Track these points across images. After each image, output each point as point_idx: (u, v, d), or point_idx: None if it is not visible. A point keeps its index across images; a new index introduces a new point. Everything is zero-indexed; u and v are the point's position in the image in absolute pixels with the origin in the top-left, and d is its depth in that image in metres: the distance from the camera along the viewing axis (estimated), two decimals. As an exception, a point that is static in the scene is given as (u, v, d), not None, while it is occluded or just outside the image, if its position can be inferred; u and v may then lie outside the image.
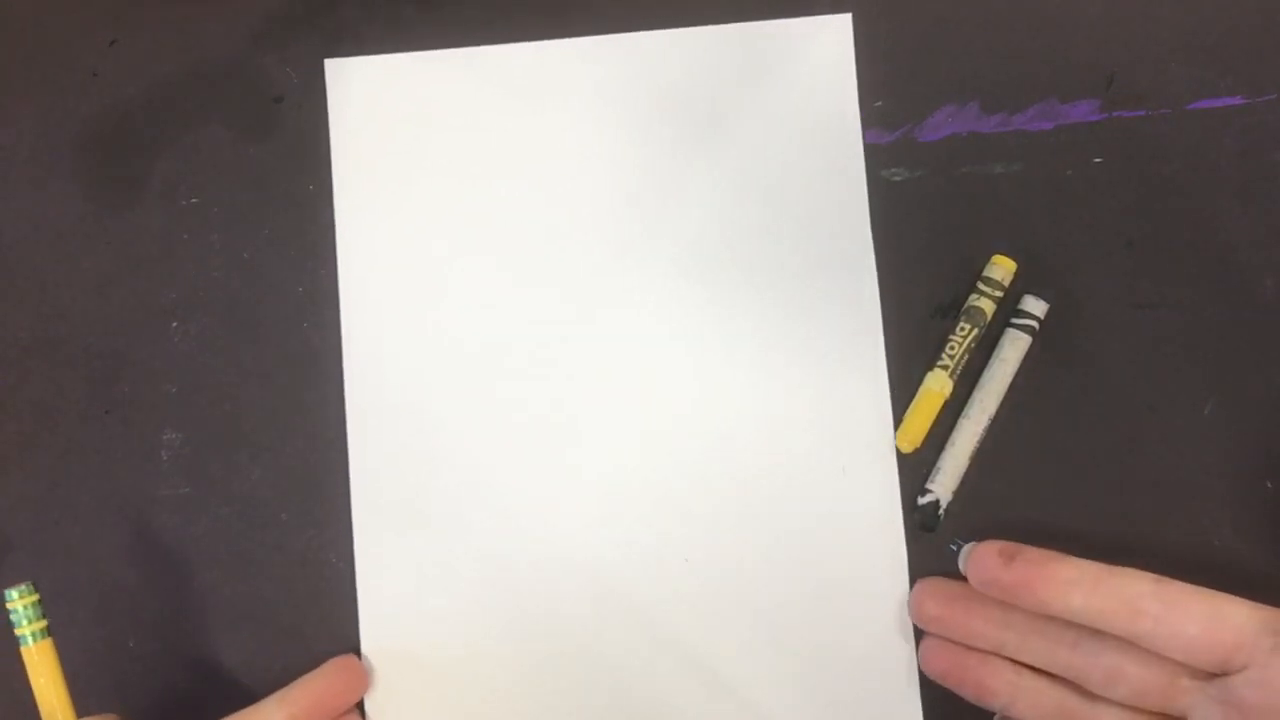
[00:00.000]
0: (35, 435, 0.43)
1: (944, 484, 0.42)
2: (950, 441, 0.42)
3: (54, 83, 0.45)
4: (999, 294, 0.42)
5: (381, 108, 0.45)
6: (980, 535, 0.43)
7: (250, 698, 0.41)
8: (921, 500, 0.42)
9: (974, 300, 0.42)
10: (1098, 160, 0.45)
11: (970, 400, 0.42)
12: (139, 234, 0.44)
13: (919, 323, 0.44)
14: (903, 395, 0.43)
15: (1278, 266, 0.44)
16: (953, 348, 0.42)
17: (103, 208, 0.44)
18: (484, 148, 0.45)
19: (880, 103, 0.45)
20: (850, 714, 0.41)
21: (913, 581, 0.42)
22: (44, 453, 0.43)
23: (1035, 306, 0.42)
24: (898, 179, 0.44)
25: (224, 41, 0.45)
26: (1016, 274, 0.43)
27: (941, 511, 0.42)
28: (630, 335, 0.44)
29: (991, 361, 0.42)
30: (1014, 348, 0.42)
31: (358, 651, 0.42)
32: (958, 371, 0.42)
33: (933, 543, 0.42)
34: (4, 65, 0.45)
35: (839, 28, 0.45)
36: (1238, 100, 0.45)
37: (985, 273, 0.43)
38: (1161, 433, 0.43)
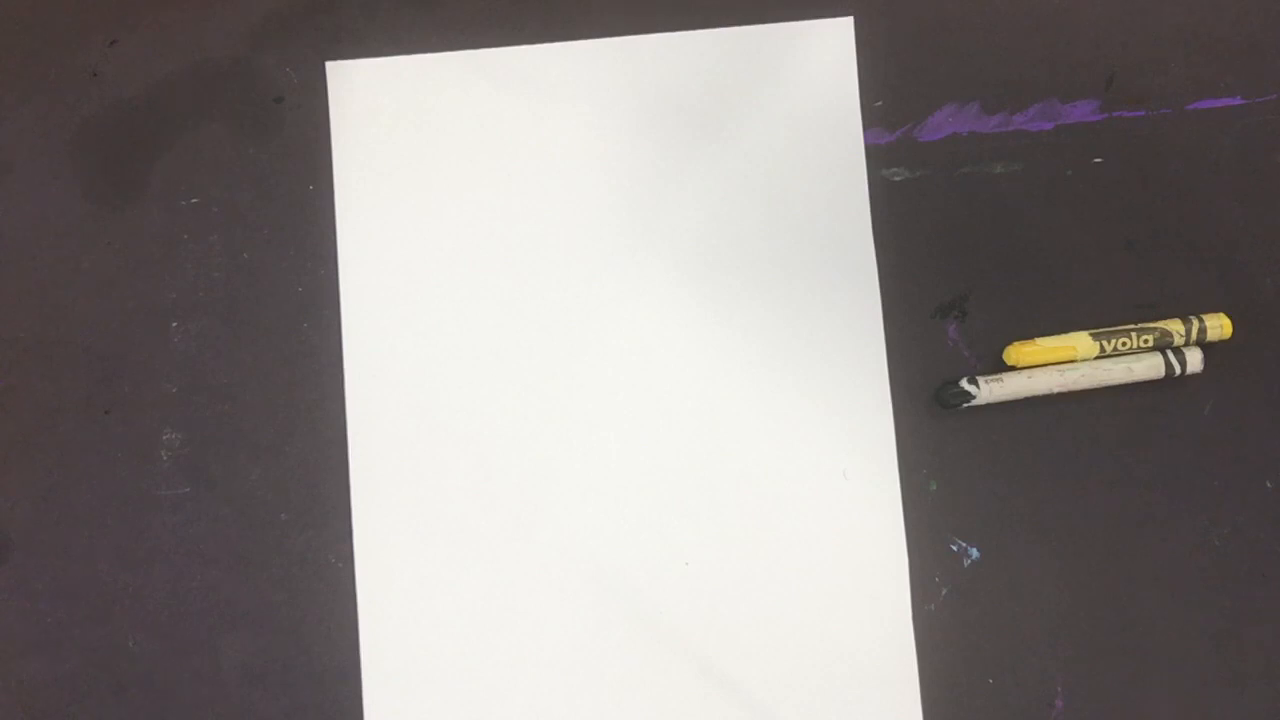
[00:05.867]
0: (35, 435, 0.43)
1: (989, 391, 0.42)
2: (1029, 374, 0.42)
3: (54, 83, 0.45)
4: (1196, 342, 0.43)
5: (382, 109, 0.45)
6: (976, 529, 0.43)
7: (250, 698, 0.41)
8: (961, 383, 0.42)
9: (1174, 325, 0.43)
10: (1098, 160, 0.45)
11: (1074, 365, 0.42)
12: (139, 234, 0.44)
13: (919, 323, 0.44)
14: (903, 395, 0.43)
15: (1278, 266, 0.44)
16: (1126, 338, 0.42)
17: (103, 208, 0.44)
18: (485, 149, 0.45)
19: (881, 103, 0.45)
20: (850, 714, 0.41)
21: (913, 582, 0.42)
22: (44, 453, 0.43)
23: (1194, 359, 0.42)
24: (898, 179, 0.44)
25: (224, 41, 0.45)
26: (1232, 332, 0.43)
27: (964, 406, 0.42)
28: (631, 336, 0.44)
29: (1123, 358, 0.42)
30: (1146, 368, 0.42)
31: (357, 651, 0.42)
32: (1106, 354, 0.42)
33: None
34: (4, 65, 0.45)
35: (840, 31, 0.45)
36: (1238, 100, 0.45)
37: (1206, 320, 0.43)
38: (1162, 433, 0.43)
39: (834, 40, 0.45)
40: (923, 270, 0.44)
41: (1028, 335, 0.43)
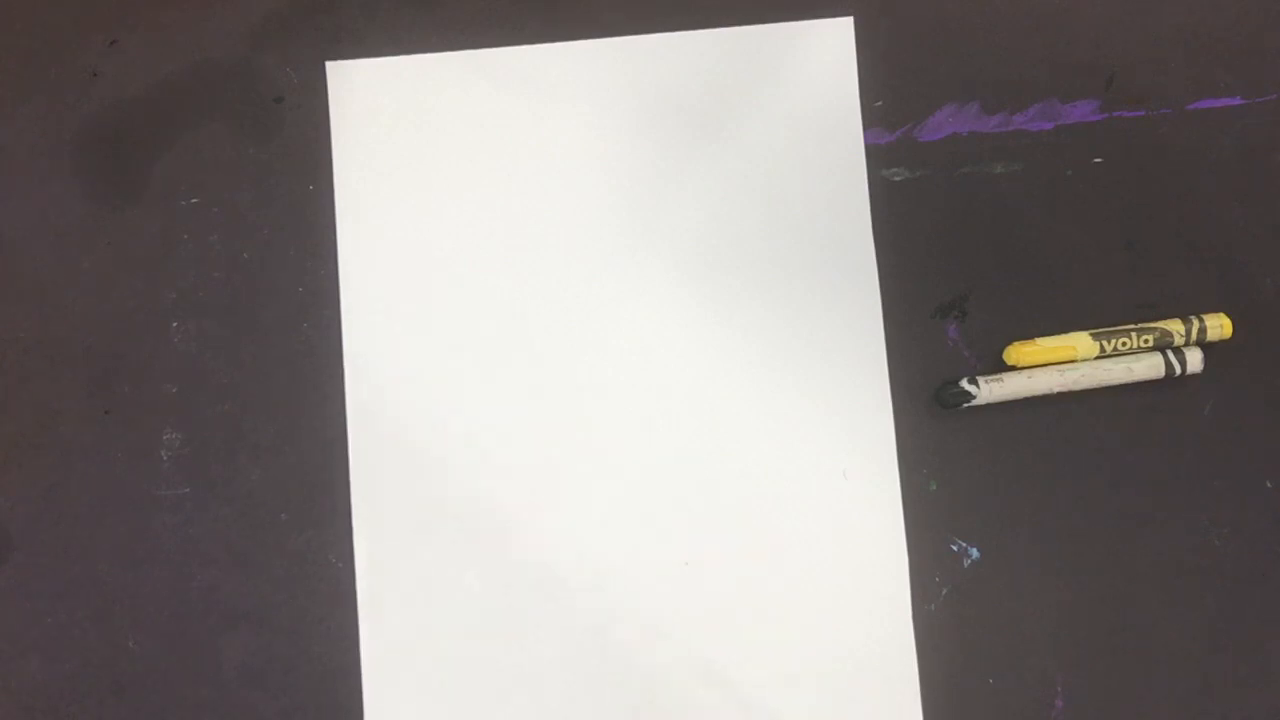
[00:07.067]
0: (35, 435, 0.43)
1: (989, 391, 0.42)
2: (1029, 374, 0.42)
3: (54, 83, 0.45)
4: (1196, 342, 0.43)
5: (382, 109, 0.45)
6: (976, 529, 0.43)
7: (250, 698, 0.41)
8: (962, 383, 0.42)
9: (1174, 325, 0.43)
10: (1098, 160, 0.45)
11: (1074, 365, 0.42)
12: (139, 234, 0.44)
13: (919, 323, 0.44)
14: (903, 395, 0.43)
15: (1278, 266, 0.44)
16: (1126, 338, 0.42)
17: (103, 208, 0.44)
18: (484, 149, 0.45)
19: (881, 103, 0.45)
20: (850, 714, 0.41)
21: (913, 581, 0.42)
22: (44, 453, 0.43)
23: (1194, 359, 0.42)
24: (898, 179, 0.44)
25: (224, 41, 0.45)
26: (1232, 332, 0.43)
27: (964, 406, 0.42)
28: (631, 336, 0.44)
29: (1123, 358, 0.42)
30: (1146, 368, 0.42)
31: (357, 651, 0.42)
32: (1106, 354, 0.42)
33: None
34: (4, 65, 0.45)
35: (840, 31, 0.45)
36: (1238, 100, 0.45)
37: (1206, 320, 0.43)
38: (1162, 433, 0.43)
39: (834, 40, 0.45)
40: (923, 270, 0.44)
41: (1028, 335, 0.43)
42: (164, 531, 0.43)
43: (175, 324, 0.44)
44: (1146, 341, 0.42)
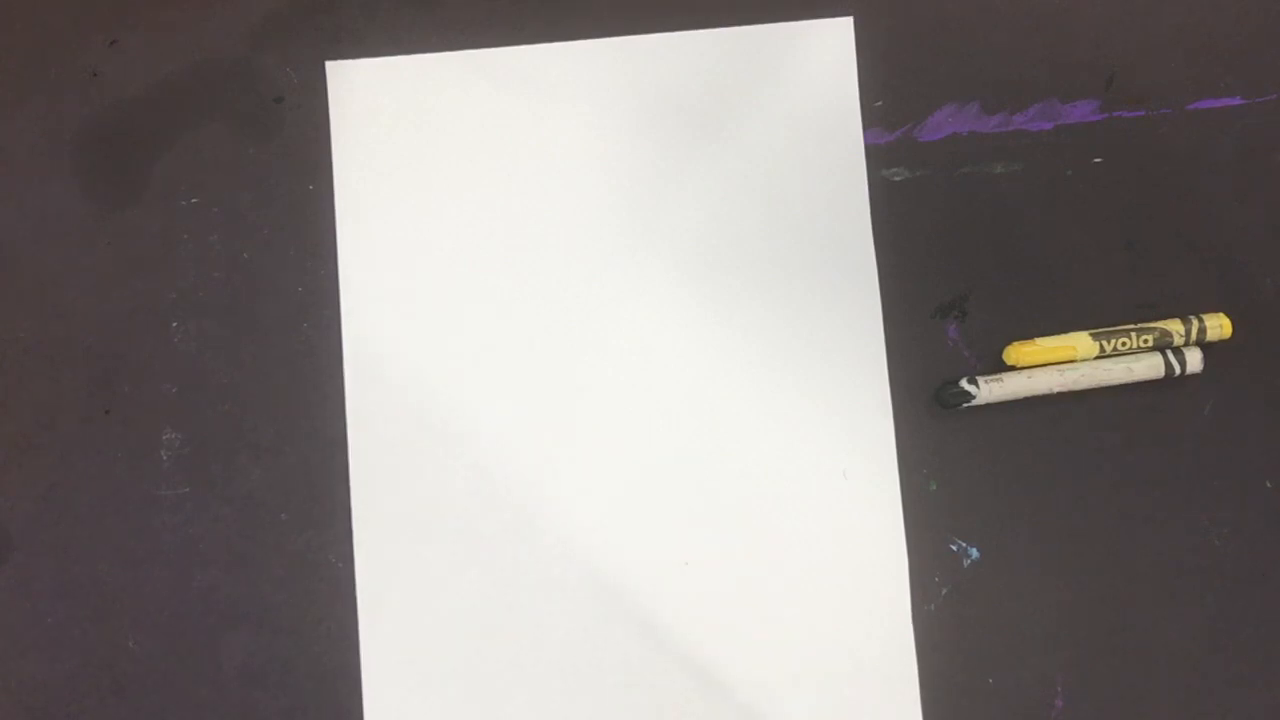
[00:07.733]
0: (35, 435, 0.43)
1: (989, 391, 0.42)
2: (1029, 374, 0.42)
3: (54, 83, 0.45)
4: (1196, 342, 0.43)
5: (382, 109, 0.45)
6: (976, 529, 0.43)
7: (250, 698, 0.41)
8: (961, 383, 0.42)
9: (1174, 325, 0.42)
10: (1098, 160, 0.45)
11: (1074, 365, 0.42)
12: (139, 234, 0.44)
13: (919, 323, 0.44)
14: (903, 395, 0.43)
15: (1278, 266, 0.44)
16: (1126, 338, 0.42)
17: (103, 208, 0.44)
18: (484, 149, 0.45)
19: (881, 103, 0.45)
20: (850, 714, 0.41)
21: (913, 581, 0.42)
22: (44, 453, 0.43)
23: (1194, 359, 0.42)
24: (898, 179, 0.44)
25: (224, 41, 0.45)
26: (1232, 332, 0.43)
27: (964, 406, 0.42)
28: (631, 335, 0.44)
29: (1123, 358, 0.42)
30: (1146, 368, 0.42)
31: (357, 651, 0.42)
32: (1106, 354, 0.42)
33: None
34: (4, 65, 0.45)
35: (840, 31, 0.45)
36: (1238, 100, 0.45)
37: (1206, 320, 0.43)
38: (1162, 433, 0.43)
39: (834, 40, 0.45)
40: (923, 270, 0.44)
41: (1028, 335, 0.43)
42: (164, 531, 0.43)
43: (175, 324, 0.44)
44: (1146, 341, 0.42)
